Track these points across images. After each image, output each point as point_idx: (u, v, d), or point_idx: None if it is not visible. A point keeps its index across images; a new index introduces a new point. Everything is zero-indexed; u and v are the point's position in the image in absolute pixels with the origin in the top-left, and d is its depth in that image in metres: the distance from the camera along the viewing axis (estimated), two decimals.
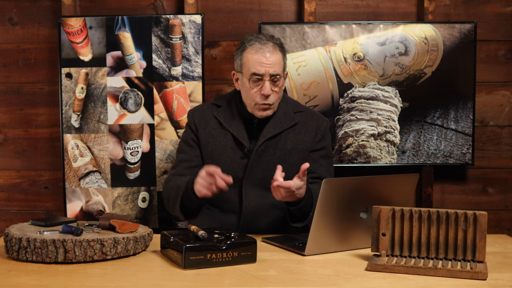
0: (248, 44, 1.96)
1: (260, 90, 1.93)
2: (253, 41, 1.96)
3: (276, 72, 1.93)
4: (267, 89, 1.92)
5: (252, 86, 1.95)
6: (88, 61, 2.62)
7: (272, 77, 1.93)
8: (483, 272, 1.44)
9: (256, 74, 1.93)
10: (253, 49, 1.94)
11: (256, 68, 1.92)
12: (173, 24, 2.60)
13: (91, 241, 1.55)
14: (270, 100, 1.95)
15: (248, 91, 1.96)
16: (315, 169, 2.05)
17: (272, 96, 1.95)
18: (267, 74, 1.92)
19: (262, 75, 1.92)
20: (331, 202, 1.64)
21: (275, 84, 1.95)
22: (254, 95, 1.95)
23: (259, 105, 1.96)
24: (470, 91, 2.65)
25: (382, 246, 1.56)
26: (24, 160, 2.79)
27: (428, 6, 2.69)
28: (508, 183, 2.82)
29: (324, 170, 2.08)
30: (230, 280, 1.43)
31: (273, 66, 1.92)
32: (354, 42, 2.63)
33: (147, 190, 2.65)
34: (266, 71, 1.92)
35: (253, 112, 1.99)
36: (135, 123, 2.63)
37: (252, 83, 1.94)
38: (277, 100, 1.99)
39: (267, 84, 1.92)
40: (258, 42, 1.95)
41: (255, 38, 1.97)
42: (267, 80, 1.92)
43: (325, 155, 2.10)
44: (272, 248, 1.76)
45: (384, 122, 2.64)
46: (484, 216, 1.49)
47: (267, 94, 1.93)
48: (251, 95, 1.96)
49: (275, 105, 2.00)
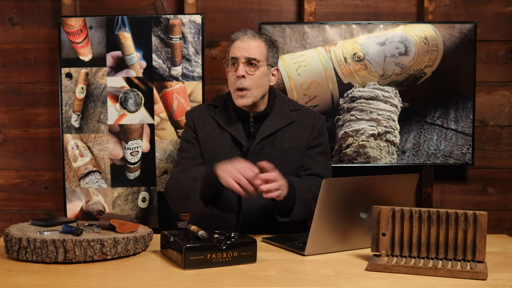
0: (234, 36, 2.04)
1: (235, 73, 1.97)
2: (238, 33, 2.03)
3: (252, 56, 1.97)
4: (240, 70, 1.95)
5: (230, 70, 2.00)
6: (88, 61, 2.62)
7: (248, 60, 1.96)
8: (483, 272, 1.44)
9: (233, 57, 1.99)
10: (236, 38, 2.02)
11: (234, 52, 1.99)
12: (173, 24, 2.60)
13: (91, 241, 1.55)
14: (244, 83, 1.96)
15: (229, 79, 2.02)
16: (311, 166, 2.05)
17: (247, 80, 1.96)
18: (241, 57, 1.97)
19: (237, 58, 1.97)
20: (331, 202, 1.64)
21: (251, 68, 1.97)
22: (232, 80, 2.00)
23: (236, 91, 1.98)
24: (470, 91, 2.65)
25: (382, 246, 1.56)
26: (24, 160, 2.79)
27: (428, 6, 2.69)
28: (508, 183, 2.82)
29: (322, 167, 2.08)
30: (230, 280, 1.43)
31: (248, 50, 1.97)
32: (354, 42, 2.63)
33: (147, 190, 2.65)
34: (241, 54, 1.97)
35: (235, 101, 2.01)
36: (135, 123, 2.63)
37: (231, 67, 2.00)
38: (254, 87, 1.98)
39: (241, 66, 1.96)
40: (241, 33, 2.02)
41: (241, 31, 2.04)
42: (242, 62, 1.96)
43: (322, 152, 2.10)
44: (272, 248, 1.76)
45: (384, 122, 2.64)
46: (484, 216, 1.49)
47: (239, 75, 1.95)
48: (231, 81, 2.01)
49: (254, 94, 1.99)
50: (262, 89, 2.01)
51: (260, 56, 1.98)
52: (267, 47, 2.01)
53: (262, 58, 1.99)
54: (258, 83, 1.99)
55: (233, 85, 1.99)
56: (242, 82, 1.96)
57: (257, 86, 1.99)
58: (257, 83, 1.99)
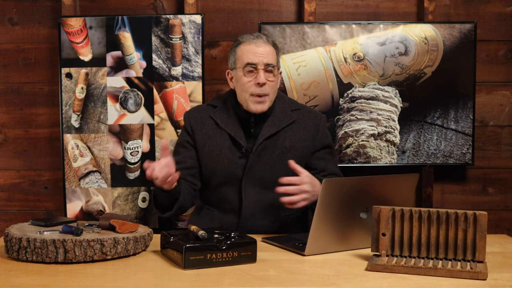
0: (242, 39, 2.01)
1: (255, 79, 1.95)
2: (246, 36, 2.01)
3: (270, 61, 1.96)
4: (262, 77, 1.94)
5: (247, 76, 1.97)
6: (88, 61, 2.62)
7: (266, 67, 1.95)
8: (483, 272, 1.44)
9: (251, 63, 1.96)
10: (247, 42, 1.99)
11: (250, 58, 1.96)
12: (173, 24, 2.60)
13: (91, 241, 1.55)
14: (265, 90, 1.96)
15: (243, 84, 1.98)
16: (325, 167, 2.07)
17: (267, 86, 1.96)
18: (261, 63, 1.95)
19: (256, 64, 1.95)
20: (331, 202, 1.64)
21: (270, 74, 1.97)
22: (248, 85, 1.96)
23: (255, 97, 1.96)
24: (470, 91, 2.65)
25: (382, 246, 1.56)
26: (24, 160, 2.79)
27: (428, 6, 2.69)
28: (508, 183, 2.82)
29: (334, 166, 2.12)
30: (230, 280, 1.43)
31: (266, 56, 1.96)
32: (354, 42, 2.63)
33: (147, 190, 2.65)
34: (260, 60, 1.95)
35: (248, 107, 1.99)
36: (135, 123, 2.63)
37: (247, 73, 1.97)
38: (272, 93, 1.99)
39: (261, 73, 1.94)
40: (252, 37, 2.00)
41: (248, 34, 2.02)
42: (261, 69, 1.95)
43: (331, 152, 2.13)
44: (272, 248, 1.76)
45: (384, 122, 2.64)
46: (484, 216, 1.49)
47: (262, 82, 1.94)
48: (246, 87, 1.97)
49: (271, 99, 2.00)
50: (276, 93, 2.04)
51: (275, 61, 2.00)
52: (276, 51, 2.02)
53: (277, 63, 2.00)
54: (275, 88, 2.01)
55: (248, 91, 1.97)
56: (264, 89, 1.95)
57: (274, 92, 2.01)
58: (275, 89, 2.01)
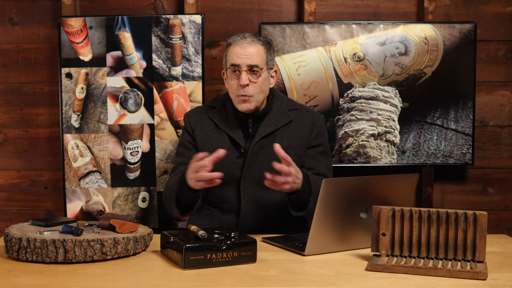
0: (230, 40, 2.02)
1: (238, 81, 1.96)
2: (235, 37, 2.01)
3: (254, 63, 1.96)
4: (243, 79, 1.94)
5: (231, 77, 1.99)
6: (88, 61, 2.62)
7: (250, 68, 1.95)
8: (483, 272, 1.44)
9: (234, 64, 1.97)
10: (234, 43, 1.99)
11: (234, 59, 1.97)
12: (173, 24, 2.60)
13: (91, 241, 1.55)
14: (248, 91, 1.96)
15: (230, 85, 2.00)
16: (313, 166, 2.06)
17: (250, 88, 1.96)
18: (243, 65, 1.95)
19: (238, 65, 1.96)
20: (331, 202, 1.64)
21: (254, 75, 1.96)
22: (233, 86, 1.98)
23: (238, 97, 1.98)
24: (470, 91, 2.65)
25: (382, 246, 1.56)
26: (24, 160, 2.79)
27: (428, 6, 2.69)
28: (508, 183, 2.82)
29: (323, 166, 2.08)
30: (230, 280, 1.43)
31: (250, 57, 1.96)
32: (354, 42, 2.63)
33: (147, 190, 2.65)
34: (243, 62, 1.95)
35: (236, 106, 2.01)
36: (135, 123, 2.63)
37: (231, 74, 1.98)
38: (257, 93, 1.98)
39: (243, 74, 1.95)
40: (239, 37, 2.00)
41: (237, 35, 2.02)
42: (244, 70, 1.95)
43: (323, 151, 2.11)
44: (272, 248, 1.76)
45: (384, 122, 2.64)
46: (484, 216, 1.49)
47: (243, 84, 1.95)
48: (232, 88, 1.99)
49: (256, 99, 1.99)
50: (264, 93, 2.03)
51: (261, 62, 1.98)
52: (266, 50, 2.00)
53: (263, 63, 1.98)
54: (260, 89, 1.99)
55: (234, 92, 1.98)
56: (246, 90, 1.96)
57: (260, 92, 2.00)
58: (260, 89, 1.99)
